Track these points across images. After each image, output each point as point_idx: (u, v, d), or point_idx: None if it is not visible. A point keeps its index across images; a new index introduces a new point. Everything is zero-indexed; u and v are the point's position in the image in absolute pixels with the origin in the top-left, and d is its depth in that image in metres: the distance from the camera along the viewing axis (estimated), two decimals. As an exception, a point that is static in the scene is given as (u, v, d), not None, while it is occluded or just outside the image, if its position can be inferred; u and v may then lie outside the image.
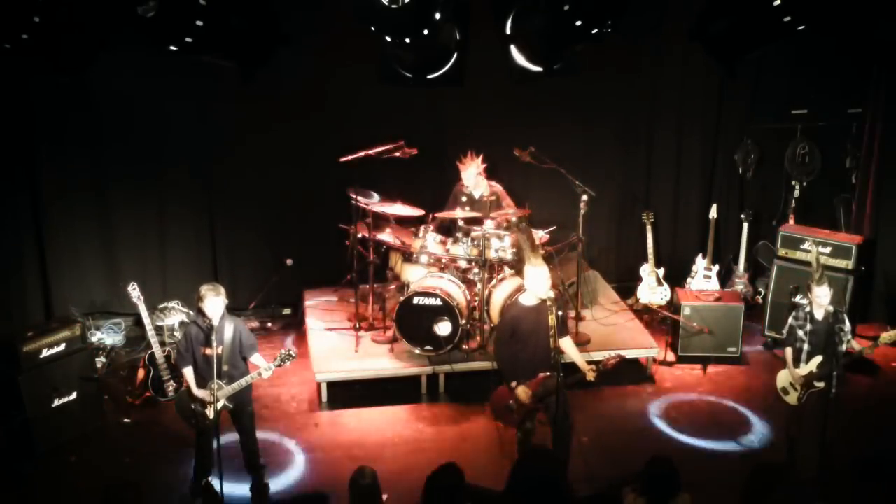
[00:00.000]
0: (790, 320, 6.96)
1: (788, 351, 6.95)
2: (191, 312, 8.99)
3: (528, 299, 6.65)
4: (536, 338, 6.55)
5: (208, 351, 6.54)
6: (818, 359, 6.81)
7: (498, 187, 9.05)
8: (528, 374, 6.61)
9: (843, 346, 6.80)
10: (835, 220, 9.97)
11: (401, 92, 8.92)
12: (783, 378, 7.06)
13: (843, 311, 6.93)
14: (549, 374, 6.52)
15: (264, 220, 9.73)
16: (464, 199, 8.97)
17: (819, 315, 6.82)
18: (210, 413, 6.60)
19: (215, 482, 6.54)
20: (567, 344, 6.83)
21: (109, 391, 8.20)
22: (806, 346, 6.87)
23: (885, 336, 6.77)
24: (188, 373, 6.70)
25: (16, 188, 8.70)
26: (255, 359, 6.79)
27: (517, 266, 6.79)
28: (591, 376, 6.62)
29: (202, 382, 6.65)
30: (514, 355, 6.65)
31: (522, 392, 6.59)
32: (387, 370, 8.36)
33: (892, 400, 8.29)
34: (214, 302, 6.55)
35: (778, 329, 8.58)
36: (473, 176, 8.84)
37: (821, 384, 6.84)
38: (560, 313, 6.68)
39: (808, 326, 6.84)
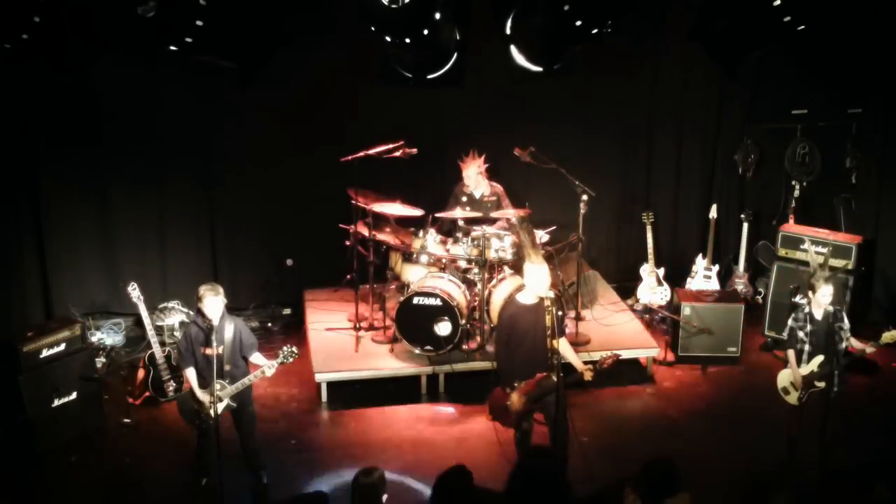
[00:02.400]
0: (790, 322, 6.96)
1: (791, 353, 6.94)
2: (191, 312, 8.99)
3: (526, 298, 6.63)
4: (534, 337, 6.53)
5: (209, 351, 6.53)
6: (819, 359, 6.81)
7: (498, 187, 9.06)
8: (526, 374, 6.59)
9: (843, 345, 6.81)
10: (835, 220, 9.96)
11: (401, 92, 8.92)
12: (784, 378, 7.06)
13: (842, 310, 6.93)
14: (546, 374, 6.50)
15: (264, 219, 9.73)
16: (464, 198, 8.98)
17: (818, 315, 6.82)
18: (211, 413, 6.60)
19: (215, 482, 6.54)
20: (562, 345, 6.78)
21: (109, 391, 8.20)
22: (807, 347, 6.87)
23: (886, 336, 6.77)
24: (191, 374, 6.71)
25: (16, 188, 8.70)
26: (256, 358, 6.79)
27: (518, 265, 6.77)
28: (588, 376, 6.60)
29: (203, 383, 6.65)
30: (510, 356, 6.63)
31: (516, 398, 6.58)
32: (387, 370, 8.36)
33: (893, 400, 8.29)
34: (214, 302, 6.56)
35: (778, 329, 8.59)
36: (474, 175, 8.86)
37: (821, 384, 6.84)
38: (560, 313, 6.66)
39: (809, 327, 6.84)
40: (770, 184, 10.27)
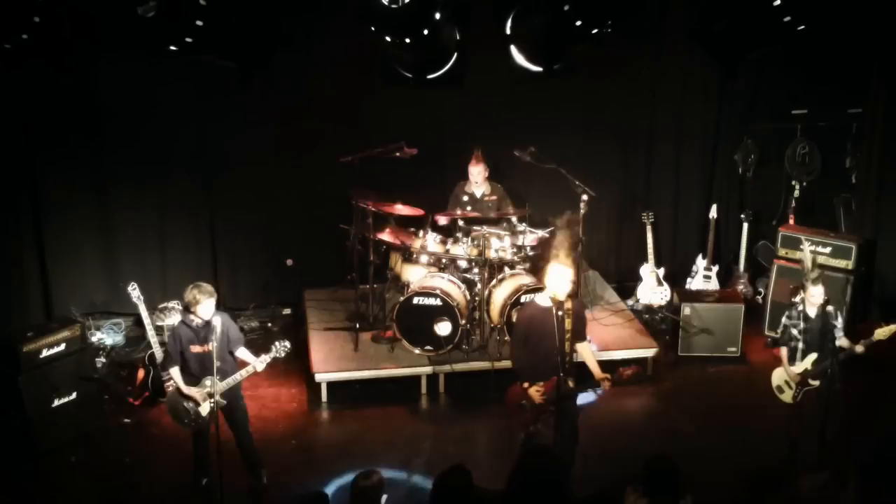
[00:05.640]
0: (784, 319, 7.00)
1: (783, 350, 6.99)
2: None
3: (544, 300, 6.58)
4: (551, 340, 6.41)
5: (200, 349, 6.58)
6: (813, 356, 6.85)
7: (499, 187, 9.07)
8: (542, 376, 6.55)
9: (837, 343, 6.82)
10: (835, 220, 9.97)
11: (401, 92, 8.91)
12: (778, 376, 7.10)
13: (835, 308, 6.96)
14: (562, 376, 6.45)
15: (264, 220, 9.73)
16: (465, 198, 8.98)
17: (812, 313, 6.85)
18: (202, 411, 6.63)
19: (215, 482, 6.54)
20: (584, 349, 6.69)
21: (109, 391, 8.20)
22: (800, 345, 6.92)
23: (880, 332, 6.77)
24: (175, 373, 6.70)
25: (16, 188, 8.70)
26: (241, 353, 6.82)
27: (542, 263, 6.69)
28: (606, 386, 6.53)
29: (194, 381, 6.67)
30: (528, 356, 6.56)
31: (534, 392, 6.53)
32: (387, 370, 8.36)
33: (893, 400, 8.29)
34: (209, 304, 6.58)
35: (778, 329, 8.58)
36: (481, 174, 8.86)
37: (816, 382, 6.87)
38: (580, 315, 6.61)
39: (802, 325, 6.88)
40: (770, 184, 10.28)
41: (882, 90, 9.26)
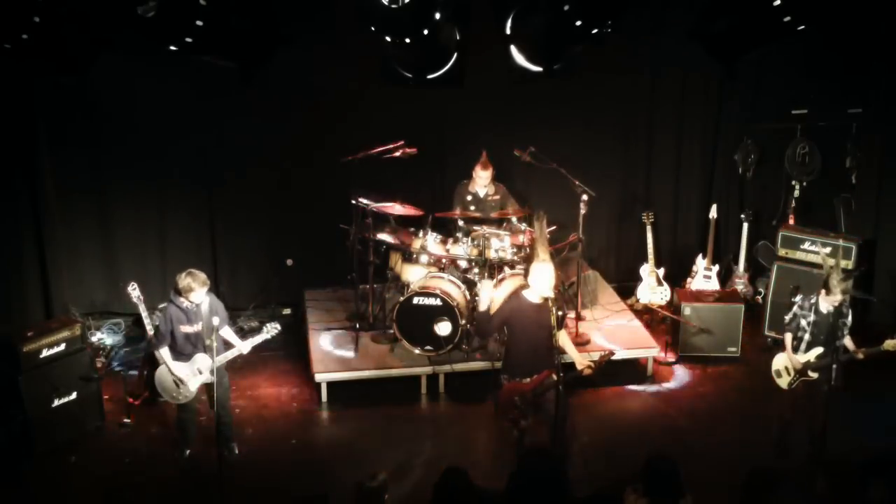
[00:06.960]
0: (795, 308, 7.03)
1: (788, 336, 7.04)
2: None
3: (532, 296, 6.64)
4: (537, 336, 6.54)
5: (190, 328, 6.85)
6: (818, 350, 6.86)
7: (502, 187, 9.07)
8: (528, 372, 6.61)
9: (844, 341, 6.84)
10: (835, 220, 9.97)
11: (401, 92, 8.92)
12: (779, 361, 7.15)
13: (848, 305, 6.96)
14: (550, 371, 6.50)
15: (264, 220, 9.73)
16: (469, 198, 8.98)
17: (824, 308, 6.86)
18: (190, 387, 6.96)
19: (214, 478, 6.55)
20: (562, 337, 6.81)
21: (109, 391, 8.19)
22: (807, 336, 6.95)
23: (889, 343, 6.78)
24: (165, 352, 6.95)
25: (16, 188, 8.70)
26: (225, 332, 7.06)
27: (526, 264, 6.77)
28: (587, 371, 6.65)
29: (184, 359, 6.97)
30: (509, 346, 6.74)
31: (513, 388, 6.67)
32: (387, 370, 8.36)
33: (892, 399, 8.29)
34: (201, 292, 6.83)
35: (778, 329, 8.58)
36: (489, 178, 8.87)
37: (814, 375, 6.89)
38: (560, 313, 6.68)
39: (812, 317, 6.90)
40: (770, 184, 10.27)
41: (882, 90, 9.27)
